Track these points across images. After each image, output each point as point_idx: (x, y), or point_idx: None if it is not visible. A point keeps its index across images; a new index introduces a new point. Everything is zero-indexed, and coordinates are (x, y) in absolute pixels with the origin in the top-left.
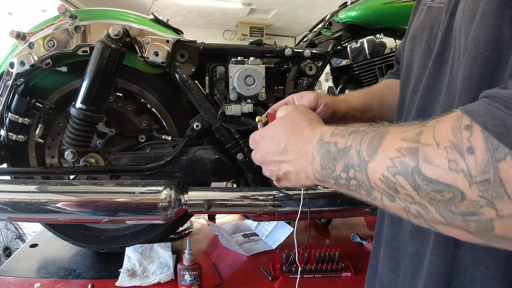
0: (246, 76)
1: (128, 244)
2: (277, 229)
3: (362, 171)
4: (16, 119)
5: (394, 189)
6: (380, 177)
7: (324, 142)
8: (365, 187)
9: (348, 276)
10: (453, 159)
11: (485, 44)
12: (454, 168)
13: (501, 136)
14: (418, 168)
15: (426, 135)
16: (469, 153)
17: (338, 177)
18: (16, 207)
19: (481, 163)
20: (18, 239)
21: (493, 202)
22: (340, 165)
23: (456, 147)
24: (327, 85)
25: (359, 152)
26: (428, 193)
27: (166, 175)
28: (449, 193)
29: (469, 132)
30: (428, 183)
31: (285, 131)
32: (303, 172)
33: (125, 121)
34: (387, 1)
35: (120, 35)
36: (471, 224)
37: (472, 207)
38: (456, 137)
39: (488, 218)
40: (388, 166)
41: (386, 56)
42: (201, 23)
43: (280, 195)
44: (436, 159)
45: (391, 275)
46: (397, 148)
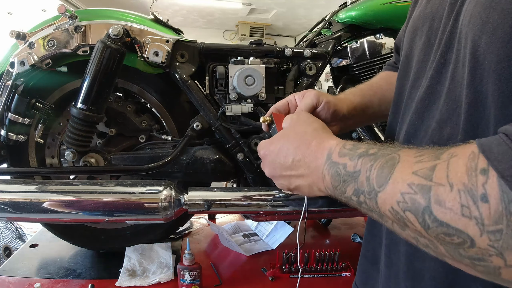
0: (246, 76)
1: (128, 244)
2: (277, 229)
3: (372, 200)
4: (16, 119)
5: (403, 223)
6: (390, 210)
7: (333, 162)
8: (376, 212)
9: (348, 276)
10: (466, 204)
11: (497, 62)
12: (466, 214)
13: None
14: (429, 209)
15: (439, 172)
16: (483, 201)
17: (350, 198)
18: (16, 207)
19: (494, 213)
20: (18, 239)
21: (503, 253)
22: (351, 188)
23: (470, 192)
24: (327, 85)
25: (368, 179)
26: (438, 235)
27: (166, 175)
28: (459, 238)
29: (485, 178)
30: (439, 225)
31: (291, 145)
32: (316, 185)
33: (125, 121)
34: (387, 1)
35: (120, 35)
36: (479, 268)
37: (481, 254)
38: (471, 181)
39: (496, 266)
40: (399, 200)
41: (386, 56)
42: (201, 23)
43: (280, 195)
44: (449, 202)
45: (386, 271)
46: (408, 182)
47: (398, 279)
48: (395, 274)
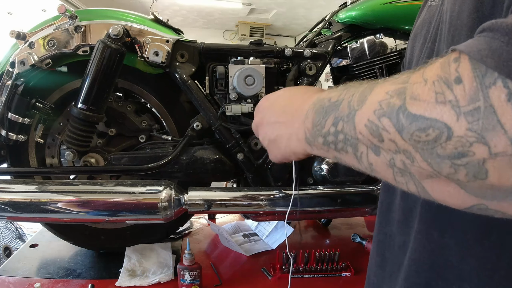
0: (246, 76)
1: (128, 244)
2: (277, 229)
3: (350, 121)
4: (16, 119)
5: (378, 136)
6: (366, 123)
7: (320, 99)
8: (351, 141)
9: (348, 276)
10: (440, 91)
11: (468, 16)
12: (441, 100)
13: (486, 59)
14: (404, 106)
15: (415, 75)
16: (457, 83)
17: (327, 133)
18: (16, 207)
19: (469, 91)
20: (18, 239)
21: (484, 136)
22: (331, 119)
23: (444, 79)
24: (327, 85)
25: (350, 103)
26: (412, 134)
27: (166, 175)
28: (434, 130)
29: (457, 63)
30: (412, 121)
31: (289, 94)
32: (295, 134)
33: (125, 121)
34: (387, 1)
35: (120, 35)
36: (461, 171)
37: (460, 146)
38: (444, 70)
39: (479, 159)
40: (375, 109)
41: (386, 56)
42: (201, 23)
43: (280, 195)
44: (423, 94)
45: (378, 271)
46: (386, 91)
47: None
48: (389, 273)
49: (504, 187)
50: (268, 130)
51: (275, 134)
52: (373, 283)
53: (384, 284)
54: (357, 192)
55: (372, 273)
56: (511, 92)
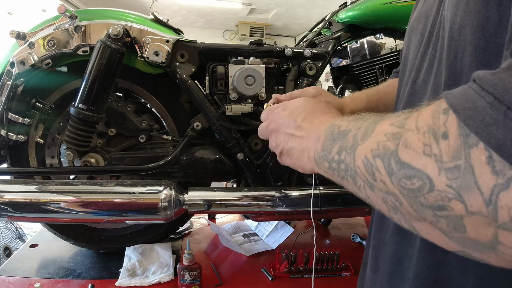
0: (246, 76)
1: (128, 244)
2: (277, 229)
3: (351, 154)
4: (16, 119)
5: (372, 174)
6: (363, 160)
7: (333, 125)
8: (351, 172)
9: (348, 276)
10: (428, 143)
11: (472, 33)
12: (427, 152)
13: (469, 121)
14: (396, 152)
15: (410, 120)
16: (443, 138)
17: (332, 159)
18: (16, 207)
19: (453, 148)
20: (18, 239)
21: (462, 195)
22: (336, 147)
23: (432, 131)
24: (327, 85)
25: (355, 136)
26: (400, 180)
27: (166, 175)
28: (419, 180)
29: (446, 117)
30: (401, 167)
31: (309, 108)
32: (307, 152)
33: (125, 121)
34: (387, 1)
35: (120, 35)
36: (442, 221)
37: (440, 200)
38: (434, 121)
39: (458, 215)
40: (373, 149)
41: (386, 56)
42: (201, 23)
43: (280, 195)
44: (413, 143)
45: (372, 275)
46: (385, 133)
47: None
48: (380, 278)
49: (482, 242)
50: (284, 140)
51: (289, 146)
52: (367, 285)
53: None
54: None
55: (366, 275)
56: (491, 156)
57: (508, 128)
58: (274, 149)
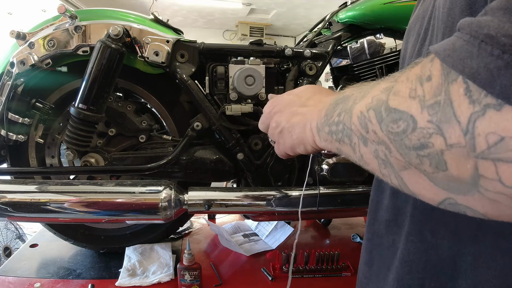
0: (246, 76)
1: (128, 244)
2: (277, 229)
3: (348, 112)
4: (16, 119)
5: (365, 127)
6: (358, 114)
7: (339, 93)
8: (347, 131)
9: (348, 276)
10: (413, 88)
11: (460, 13)
12: (412, 95)
13: (447, 58)
14: (386, 101)
15: (403, 74)
16: (427, 80)
17: (332, 122)
18: (16, 207)
19: (435, 87)
20: (18, 239)
21: (441, 128)
22: (338, 110)
23: (419, 77)
24: (327, 85)
25: (355, 97)
26: (388, 125)
27: (166, 175)
28: (404, 122)
29: (431, 63)
30: (389, 113)
31: (314, 91)
32: (309, 123)
33: (125, 121)
34: (387, 1)
35: (120, 35)
36: (425, 162)
37: (422, 137)
38: (422, 70)
39: (438, 150)
40: (367, 103)
41: (386, 56)
42: (201, 23)
43: (280, 195)
44: (401, 90)
45: (365, 269)
46: (380, 89)
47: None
48: (376, 272)
49: (464, 179)
50: (286, 118)
51: (291, 122)
52: (361, 281)
53: (371, 282)
54: (357, 192)
55: (360, 272)
56: (468, 87)
57: (482, 57)
58: (273, 129)
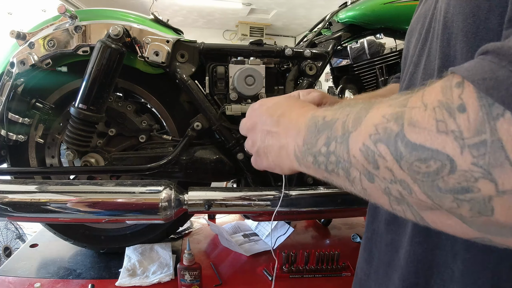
0: (246, 76)
1: (128, 244)
2: (277, 229)
3: (344, 143)
4: (16, 119)
5: (373, 163)
6: (361, 147)
7: (314, 116)
8: (343, 164)
9: (348, 276)
10: (442, 119)
11: (463, 20)
12: (442, 129)
13: (492, 91)
14: (402, 133)
15: (414, 98)
16: (460, 111)
17: (318, 153)
18: (16, 207)
19: (474, 122)
20: (18, 239)
21: (491, 172)
22: (323, 138)
23: (445, 106)
24: (327, 85)
25: (344, 123)
26: (411, 164)
27: (166, 175)
28: (436, 162)
29: (461, 89)
30: (412, 150)
31: (286, 104)
32: (285, 149)
33: (125, 121)
34: (387, 1)
35: (120, 35)
36: (464, 206)
37: (464, 181)
38: (446, 96)
39: (485, 196)
40: (371, 133)
41: (386, 56)
42: (201, 23)
43: (280, 195)
44: (423, 121)
45: (365, 266)
46: (382, 114)
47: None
48: (375, 269)
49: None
50: (260, 138)
51: (265, 144)
52: (360, 278)
53: (370, 280)
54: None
55: (359, 269)
56: None
57: None
58: (250, 148)
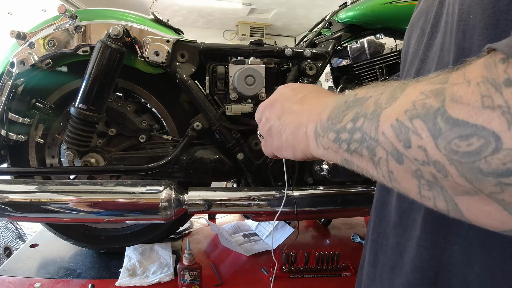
0: (246, 76)
1: (128, 244)
2: (277, 229)
3: (374, 119)
4: (16, 119)
5: (405, 140)
6: (393, 123)
7: (345, 95)
8: (369, 142)
9: (348, 276)
10: (487, 94)
11: (482, 11)
12: (488, 104)
13: None
14: (443, 109)
15: (455, 74)
16: (507, 86)
17: (342, 128)
18: (16, 207)
19: None
20: (18, 239)
21: None
22: (351, 114)
23: (490, 81)
24: (327, 85)
25: (377, 101)
26: (450, 142)
27: (166, 175)
28: (479, 139)
29: (506, 65)
30: (453, 126)
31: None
32: (304, 126)
33: (125, 121)
34: (387, 1)
35: (120, 35)
36: (509, 190)
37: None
38: (490, 71)
39: None
40: (407, 109)
41: (386, 56)
42: (201, 23)
43: (280, 195)
44: (466, 96)
45: (370, 270)
46: (421, 91)
47: (382, 279)
48: (380, 272)
49: None
50: (276, 114)
51: (282, 120)
52: (364, 281)
53: (375, 284)
54: (357, 192)
55: (364, 272)
56: None
57: None
58: (263, 124)
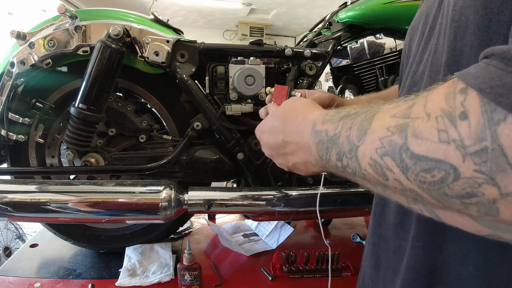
0: (246, 76)
1: (128, 244)
2: (277, 229)
3: (353, 158)
4: (16, 119)
5: (383, 175)
6: (370, 162)
7: (317, 132)
8: (359, 174)
9: (348, 276)
10: (443, 128)
11: (474, 12)
12: (444, 139)
13: (499, 97)
14: (406, 145)
15: (417, 107)
16: (461, 119)
17: (335, 166)
18: (16, 207)
19: (475, 129)
20: (18, 239)
21: (494, 178)
22: (334, 154)
23: (447, 114)
24: (327, 85)
25: (349, 137)
26: (417, 175)
27: (166, 175)
28: (440, 171)
29: (463, 96)
30: (416, 161)
31: (279, 123)
32: (309, 162)
33: (125, 121)
34: (387, 1)
35: (120, 35)
36: (472, 208)
37: (469, 187)
38: (449, 103)
39: (490, 199)
40: (377, 147)
41: (386, 56)
42: (201, 23)
43: (280, 195)
44: (425, 131)
45: (372, 273)
46: (386, 127)
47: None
48: (383, 276)
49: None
50: (283, 160)
51: (291, 163)
52: (367, 285)
53: (378, 287)
54: (357, 192)
55: (366, 275)
56: None
57: None
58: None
